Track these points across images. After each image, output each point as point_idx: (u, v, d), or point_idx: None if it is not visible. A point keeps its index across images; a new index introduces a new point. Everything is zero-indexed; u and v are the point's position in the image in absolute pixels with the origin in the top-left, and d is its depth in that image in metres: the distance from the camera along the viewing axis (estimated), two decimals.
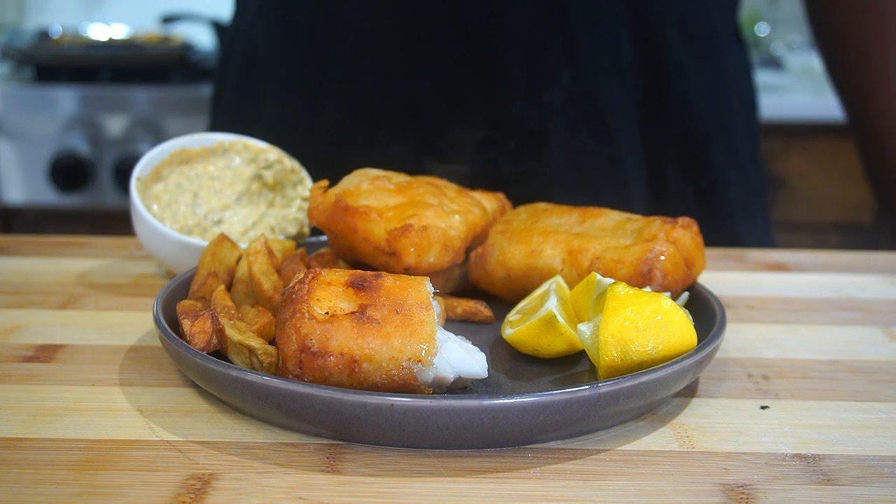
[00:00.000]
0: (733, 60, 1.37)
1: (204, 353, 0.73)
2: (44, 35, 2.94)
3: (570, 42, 1.23)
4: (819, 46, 1.44)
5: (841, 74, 1.40)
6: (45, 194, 2.56)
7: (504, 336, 0.83)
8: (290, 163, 1.08)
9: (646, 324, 0.73)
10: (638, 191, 1.30)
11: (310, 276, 0.72)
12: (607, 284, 0.79)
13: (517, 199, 1.06)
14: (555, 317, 0.78)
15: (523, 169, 1.26)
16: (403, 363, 0.68)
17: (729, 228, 1.34)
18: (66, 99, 2.52)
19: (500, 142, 1.27)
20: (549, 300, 0.82)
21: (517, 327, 0.81)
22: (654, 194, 1.31)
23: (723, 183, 1.34)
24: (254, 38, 1.39)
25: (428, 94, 1.27)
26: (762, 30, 3.50)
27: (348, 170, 0.98)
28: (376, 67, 1.29)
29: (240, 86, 1.43)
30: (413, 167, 1.07)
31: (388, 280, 0.72)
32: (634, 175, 1.29)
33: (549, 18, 1.23)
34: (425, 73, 1.27)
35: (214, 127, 1.46)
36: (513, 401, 0.64)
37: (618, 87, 1.26)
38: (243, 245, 0.99)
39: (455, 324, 0.91)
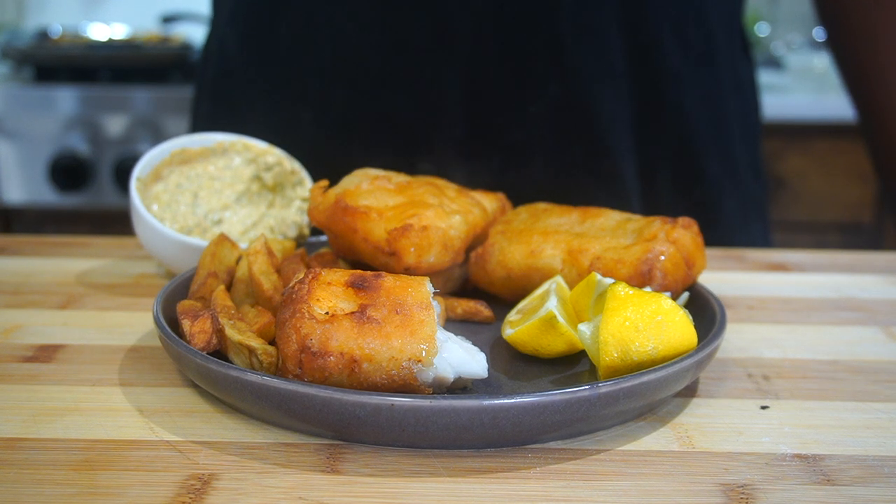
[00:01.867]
0: (733, 67, 1.34)
1: (204, 353, 0.73)
2: (43, 35, 2.94)
3: (558, 49, 1.19)
4: (825, 32, 1.38)
5: (847, 62, 1.35)
6: (45, 194, 2.56)
7: (504, 336, 0.83)
8: (290, 165, 1.08)
9: (646, 324, 0.73)
10: (633, 203, 1.27)
11: (310, 276, 0.72)
12: (607, 284, 0.79)
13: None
14: (555, 317, 0.78)
15: (508, 184, 1.19)
16: (403, 363, 0.68)
17: (724, 239, 1.31)
18: (65, 99, 2.52)
19: (482, 156, 1.23)
20: (549, 300, 0.82)
21: (517, 327, 0.81)
22: (647, 206, 1.28)
23: (717, 195, 1.31)
24: (226, 45, 1.35)
25: (405, 105, 1.23)
26: (762, 30, 3.51)
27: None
28: (351, 78, 1.25)
29: (215, 93, 1.39)
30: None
31: (388, 280, 0.72)
32: (631, 188, 1.26)
33: (535, 24, 1.19)
34: (402, 83, 1.22)
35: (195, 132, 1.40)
36: (513, 401, 0.64)
37: (611, 97, 1.22)
38: (243, 245, 0.99)
39: (455, 324, 0.91)
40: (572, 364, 0.81)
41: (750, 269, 1.17)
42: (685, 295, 0.90)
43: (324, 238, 1.06)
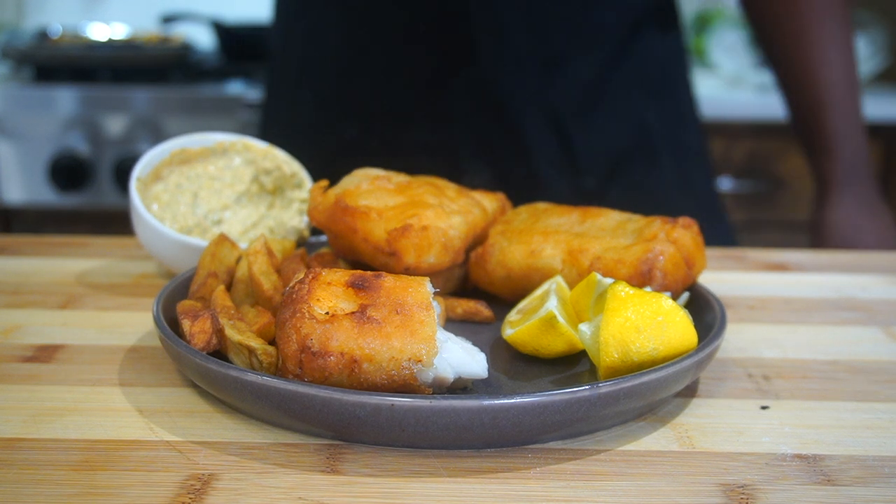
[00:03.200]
0: (636, 47, 1.48)
1: (203, 353, 0.73)
2: (43, 35, 2.94)
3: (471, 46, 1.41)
4: (756, 34, 1.56)
5: (779, 62, 1.54)
6: (45, 194, 2.56)
7: (504, 336, 0.83)
8: (289, 168, 1.08)
9: (646, 324, 0.73)
10: (535, 147, 1.45)
11: (310, 276, 0.72)
12: (607, 284, 0.79)
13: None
14: (555, 317, 0.78)
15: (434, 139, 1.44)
16: (403, 363, 0.68)
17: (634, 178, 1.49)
18: (65, 99, 2.52)
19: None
20: (550, 300, 0.82)
21: (517, 327, 0.81)
22: (561, 145, 1.46)
23: (618, 136, 1.49)
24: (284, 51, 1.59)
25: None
26: None
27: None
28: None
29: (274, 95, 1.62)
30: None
31: (389, 280, 0.72)
32: (536, 137, 1.45)
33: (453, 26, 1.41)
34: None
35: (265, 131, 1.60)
36: (513, 401, 0.64)
37: (515, 76, 1.44)
38: (243, 245, 0.98)
39: (455, 324, 0.91)
40: (572, 364, 0.81)
41: (750, 269, 1.17)
42: (685, 295, 0.90)
43: (324, 238, 1.05)
